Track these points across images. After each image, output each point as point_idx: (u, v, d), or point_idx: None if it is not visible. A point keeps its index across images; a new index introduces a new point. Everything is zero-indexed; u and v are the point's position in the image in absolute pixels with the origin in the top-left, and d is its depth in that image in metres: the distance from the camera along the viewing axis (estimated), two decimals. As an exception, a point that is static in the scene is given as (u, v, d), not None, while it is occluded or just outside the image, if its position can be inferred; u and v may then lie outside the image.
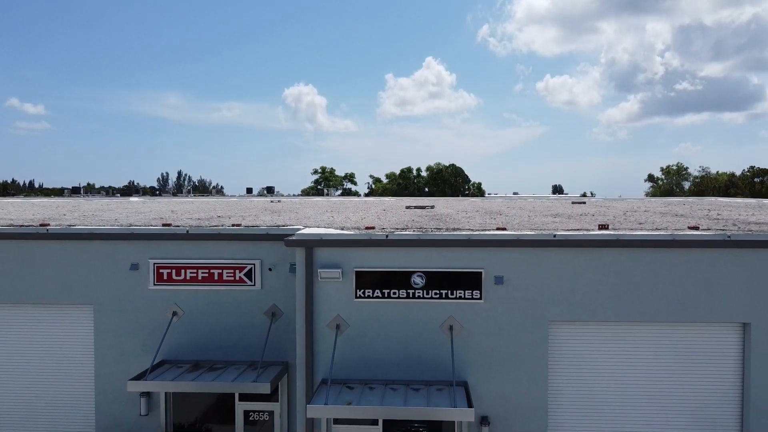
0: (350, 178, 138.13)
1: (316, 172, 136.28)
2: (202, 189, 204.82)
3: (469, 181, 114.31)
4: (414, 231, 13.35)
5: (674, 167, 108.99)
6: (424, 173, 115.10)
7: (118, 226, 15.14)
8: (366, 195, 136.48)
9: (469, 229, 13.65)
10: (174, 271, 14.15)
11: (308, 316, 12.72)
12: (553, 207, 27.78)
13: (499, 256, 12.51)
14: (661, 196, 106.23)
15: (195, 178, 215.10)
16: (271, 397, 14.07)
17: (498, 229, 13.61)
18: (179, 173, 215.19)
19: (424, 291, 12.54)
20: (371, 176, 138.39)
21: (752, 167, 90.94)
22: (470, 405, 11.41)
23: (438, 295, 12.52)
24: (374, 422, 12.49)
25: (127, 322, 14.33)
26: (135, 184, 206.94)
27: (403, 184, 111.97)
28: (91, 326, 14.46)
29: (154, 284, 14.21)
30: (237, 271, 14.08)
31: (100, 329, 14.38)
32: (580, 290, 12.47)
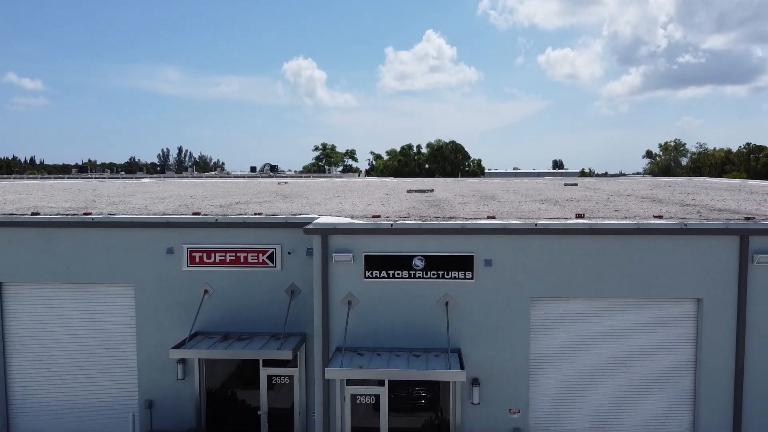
0: (351, 154, 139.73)
1: (317, 148, 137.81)
2: (202, 165, 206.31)
3: (469, 157, 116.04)
4: (415, 220, 15.44)
5: (672, 143, 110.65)
6: (424, 150, 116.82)
7: (153, 215, 17.21)
8: (367, 171, 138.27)
9: (463, 218, 15.74)
10: (205, 254, 16.28)
11: (324, 294, 14.88)
12: (545, 190, 29.83)
13: (488, 242, 14.63)
14: (659, 172, 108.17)
15: (195, 155, 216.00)
16: (288, 363, 16.30)
17: (488, 217, 15.70)
18: (180, 149, 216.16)
19: (424, 272, 14.68)
20: (372, 153, 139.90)
21: (748, 144, 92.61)
22: (462, 368, 13.67)
23: (435, 276, 14.66)
24: (381, 383, 14.76)
25: (164, 299, 16.50)
26: (136, 160, 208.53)
27: (403, 161, 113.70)
28: (133, 303, 16.64)
29: (188, 266, 16.35)
30: (260, 255, 16.20)
31: (140, 306, 16.57)
32: (557, 271, 14.60)
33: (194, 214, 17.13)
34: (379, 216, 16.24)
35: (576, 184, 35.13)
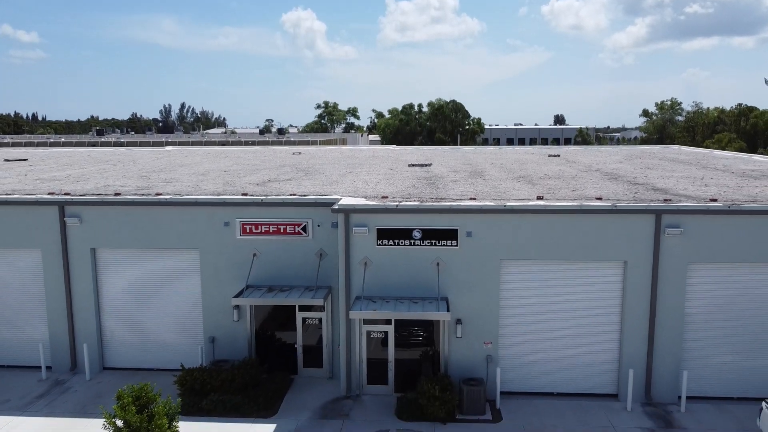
0: (353, 112, 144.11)
1: (319, 106, 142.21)
2: (204, 121, 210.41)
3: (470, 116, 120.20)
4: (414, 201, 20.66)
5: (668, 102, 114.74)
6: (425, 108, 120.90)
7: (210, 195, 22.43)
8: (369, 129, 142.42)
9: (451, 199, 20.96)
10: (253, 226, 21.56)
11: (346, 257, 20.22)
12: (528, 163, 34.91)
13: (469, 218, 19.88)
14: (654, 131, 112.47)
15: (197, 110, 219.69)
16: (315, 308, 21.77)
17: (470, 199, 20.92)
18: (182, 105, 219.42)
19: (421, 241, 19.98)
20: (374, 110, 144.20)
21: (740, 104, 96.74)
22: (448, 311, 19.15)
23: (429, 244, 19.97)
24: (388, 322, 20.28)
25: (222, 261, 21.86)
26: (139, 116, 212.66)
27: (405, 119, 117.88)
28: (198, 264, 22.02)
29: (240, 235, 21.64)
30: (296, 227, 21.49)
31: (204, 266, 21.94)
32: (521, 239, 19.89)
33: (243, 194, 22.35)
34: (387, 197, 21.48)
35: (559, 155, 40.17)
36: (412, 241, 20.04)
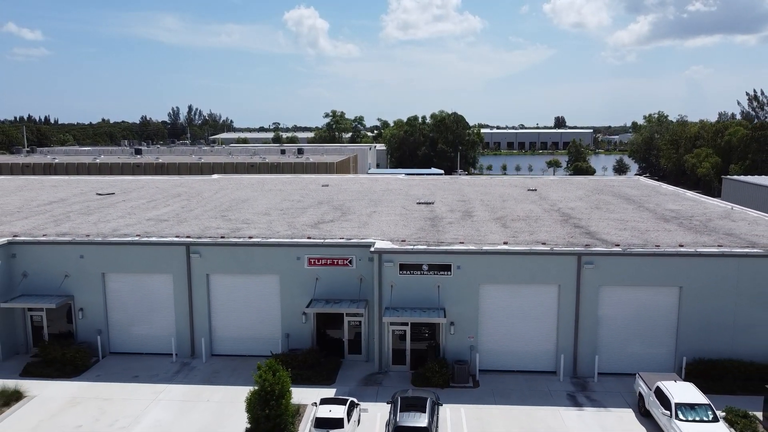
0: (359, 121, 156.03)
1: (327, 115, 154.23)
2: (212, 123, 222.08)
3: (470, 127, 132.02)
4: (423, 245, 32.57)
5: (655, 115, 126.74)
6: (428, 120, 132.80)
7: (285, 238, 34.34)
8: (374, 138, 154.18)
9: (447, 243, 32.87)
10: (316, 259, 33.49)
11: (379, 281, 32.16)
12: (509, 200, 46.77)
13: (458, 257, 31.80)
14: (642, 143, 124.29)
15: (204, 112, 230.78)
16: (355, 315, 33.69)
17: (460, 243, 32.86)
18: (189, 107, 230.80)
19: (428, 271, 31.91)
20: (379, 119, 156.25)
21: (719, 121, 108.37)
22: (445, 317, 31.19)
23: (433, 273, 31.91)
24: (406, 324, 32.31)
25: (295, 283, 33.78)
26: (149, 119, 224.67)
27: (409, 131, 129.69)
28: (278, 284, 33.94)
29: (307, 266, 33.57)
30: (344, 260, 33.41)
31: (282, 286, 33.85)
32: (493, 270, 31.81)
33: (308, 238, 34.31)
34: (405, 240, 33.45)
35: (535, 190, 52.05)
36: (422, 272, 31.98)
